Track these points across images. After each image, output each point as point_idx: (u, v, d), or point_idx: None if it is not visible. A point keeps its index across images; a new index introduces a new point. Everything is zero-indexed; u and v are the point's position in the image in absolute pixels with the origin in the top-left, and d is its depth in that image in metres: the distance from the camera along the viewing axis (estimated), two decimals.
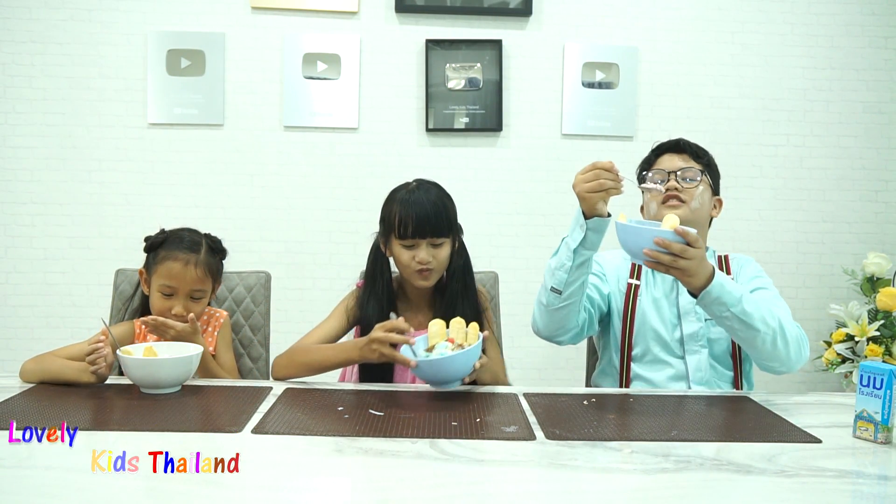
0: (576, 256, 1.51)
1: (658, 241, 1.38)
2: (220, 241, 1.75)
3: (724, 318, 1.46)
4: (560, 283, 1.54)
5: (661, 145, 1.80)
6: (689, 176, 1.71)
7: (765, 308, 1.48)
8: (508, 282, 2.73)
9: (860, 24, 3.10)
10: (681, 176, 1.71)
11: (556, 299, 1.57)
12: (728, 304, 1.43)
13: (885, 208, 3.16)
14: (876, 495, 1.02)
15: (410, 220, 1.58)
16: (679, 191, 1.69)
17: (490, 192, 3.07)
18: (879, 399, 1.20)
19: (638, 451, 1.14)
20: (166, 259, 1.63)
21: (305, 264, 3.05)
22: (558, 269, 1.55)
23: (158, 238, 1.68)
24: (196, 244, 1.67)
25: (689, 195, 1.69)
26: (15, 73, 2.95)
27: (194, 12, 2.98)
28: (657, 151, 1.80)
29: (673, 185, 1.70)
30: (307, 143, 3.03)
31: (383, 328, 1.44)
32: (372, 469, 1.06)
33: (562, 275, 1.54)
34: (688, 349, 1.66)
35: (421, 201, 1.60)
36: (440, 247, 1.62)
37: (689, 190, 1.70)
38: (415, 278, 1.63)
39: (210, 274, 1.67)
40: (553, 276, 1.56)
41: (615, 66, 3.06)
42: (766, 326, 1.46)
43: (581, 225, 1.50)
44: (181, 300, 1.62)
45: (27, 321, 3.00)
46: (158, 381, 1.41)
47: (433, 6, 3.00)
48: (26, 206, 2.99)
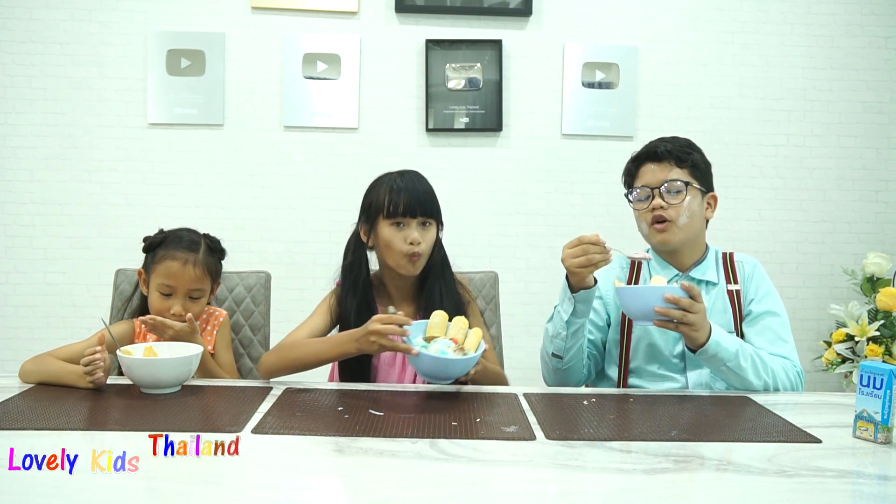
0: (569, 326, 1.56)
1: (668, 298, 1.42)
2: (219, 242, 1.74)
3: (720, 371, 1.53)
4: (559, 349, 1.60)
5: (640, 155, 1.72)
6: (674, 188, 1.64)
7: (760, 362, 1.54)
8: (508, 282, 2.73)
9: (860, 24, 3.10)
10: (665, 190, 1.64)
11: (559, 363, 1.62)
12: (724, 359, 1.50)
13: (885, 208, 3.16)
14: (876, 495, 1.02)
15: (401, 199, 1.59)
16: (664, 209, 1.63)
17: (490, 192, 3.07)
18: (879, 399, 1.20)
19: (638, 451, 1.14)
20: (165, 259, 1.62)
21: (305, 264, 3.05)
22: (555, 337, 1.60)
23: (157, 238, 1.68)
24: (195, 244, 1.67)
25: (675, 211, 1.63)
26: (15, 73, 2.95)
27: (194, 12, 2.98)
28: (636, 162, 1.72)
29: (658, 205, 1.63)
30: (307, 143, 3.03)
31: (381, 321, 1.42)
32: (372, 469, 1.06)
33: (559, 342, 1.59)
34: (689, 364, 1.64)
35: (411, 182, 1.63)
36: (428, 229, 1.62)
37: (675, 206, 1.63)
38: (404, 263, 1.60)
39: (209, 274, 1.67)
40: (552, 343, 1.61)
41: (615, 66, 3.06)
42: (758, 380, 1.54)
43: (569, 298, 1.53)
44: (179, 300, 1.62)
45: (27, 321, 3.00)
46: (158, 381, 1.41)
47: (433, 6, 3.00)
48: (26, 206, 2.99)
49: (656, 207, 1.64)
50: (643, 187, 1.67)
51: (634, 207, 1.70)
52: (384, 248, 1.62)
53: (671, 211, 1.63)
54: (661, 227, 1.64)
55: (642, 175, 1.69)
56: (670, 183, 1.64)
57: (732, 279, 1.68)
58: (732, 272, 1.70)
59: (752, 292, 1.67)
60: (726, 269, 1.70)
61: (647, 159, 1.69)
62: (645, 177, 1.68)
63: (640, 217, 1.69)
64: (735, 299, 1.66)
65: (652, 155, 1.68)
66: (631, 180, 1.74)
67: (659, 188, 1.64)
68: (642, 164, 1.70)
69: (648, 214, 1.66)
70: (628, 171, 1.75)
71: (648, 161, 1.69)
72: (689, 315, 1.42)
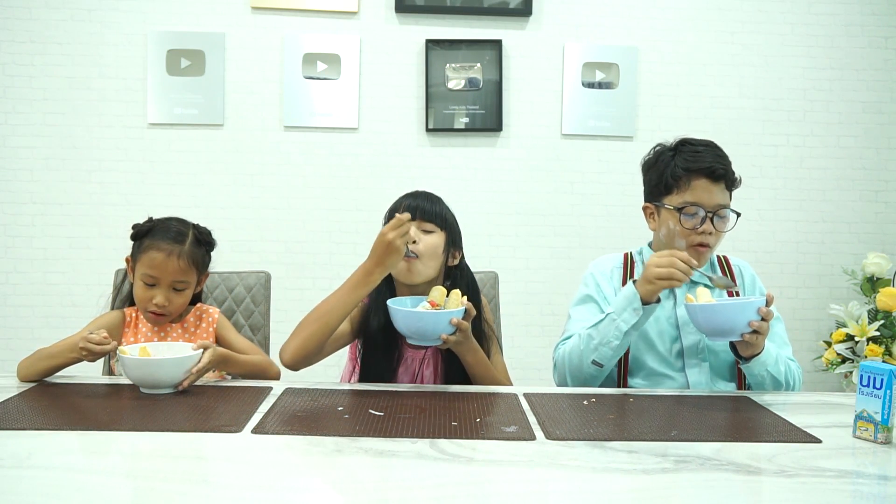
0: (626, 336, 1.53)
1: (763, 312, 1.41)
2: (209, 233, 1.70)
3: (759, 378, 1.54)
4: (604, 358, 1.56)
5: (692, 168, 1.59)
6: (725, 215, 1.60)
7: (783, 366, 1.57)
8: (508, 282, 2.73)
9: (860, 24, 3.10)
10: (718, 217, 1.59)
11: (598, 371, 1.59)
12: (767, 363, 1.51)
13: (885, 208, 3.16)
14: (876, 495, 1.02)
15: (403, 206, 1.62)
16: (711, 234, 1.59)
17: (490, 192, 3.07)
18: (879, 399, 1.20)
19: (638, 451, 1.14)
20: (150, 249, 1.59)
21: (305, 264, 3.05)
22: (604, 346, 1.54)
23: (145, 227, 1.64)
24: (181, 235, 1.63)
25: (717, 238, 1.60)
26: (15, 73, 2.95)
27: (194, 12, 2.98)
28: (688, 170, 1.60)
29: (709, 230, 1.58)
30: (307, 143, 3.03)
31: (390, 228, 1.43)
32: (372, 469, 1.06)
33: (607, 351, 1.55)
34: (688, 362, 1.64)
35: (418, 195, 1.66)
36: (429, 233, 1.61)
37: (719, 234, 1.60)
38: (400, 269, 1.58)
39: (194, 266, 1.63)
40: (596, 351, 1.56)
41: (615, 66, 3.06)
42: (784, 382, 1.57)
43: (636, 308, 1.51)
44: (163, 291, 1.59)
45: (27, 321, 3.00)
46: (158, 381, 1.41)
47: (433, 6, 3.00)
48: (26, 206, 2.99)
49: (706, 232, 1.58)
50: (696, 206, 1.59)
51: (680, 222, 1.60)
52: None
53: (713, 237, 1.61)
54: (704, 250, 1.61)
55: (695, 190, 1.59)
56: (723, 210, 1.61)
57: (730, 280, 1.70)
58: (730, 274, 1.73)
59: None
60: (724, 272, 1.73)
61: (703, 174, 1.60)
62: (699, 194, 1.59)
63: (680, 233, 1.61)
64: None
65: (709, 172, 1.59)
66: (676, 188, 1.61)
67: (714, 213, 1.59)
68: (696, 176, 1.60)
69: (693, 235, 1.59)
70: (675, 176, 1.61)
71: (704, 177, 1.60)
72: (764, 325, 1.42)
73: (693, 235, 1.59)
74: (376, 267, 1.47)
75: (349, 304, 1.50)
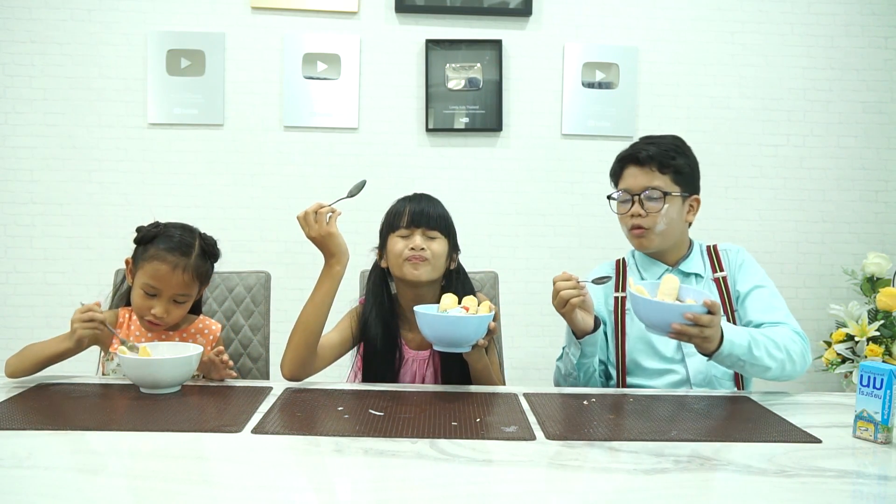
0: (580, 367, 1.60)
1: (689, 317, 1.37)
2: (215, 244, 1.66)
3: (737, 366, 1.50)
4: (578, 382, 1.64)
5: (624, 156, 1.70)
6: (653, 196, 1.64)
7: (770, 342, 1.50)
8: (508, 282, 2.73)
9: (860, 24, 3.10)
10: (645, 197, 1.64)
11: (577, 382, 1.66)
12: (739, 355, 1.46)
13: (885, 208, 3.16)
14: (876, 495, 1.02)
15: (407, 211, 1.63)
16: (642, 216, 1.64)
17: (490, 192, 3.07)
18: (879, 399, 1.20)
19: (638, 451, 1.14)
20: (154, 258, 1.55)
21: (305, 264, 3.05)
22: (568, 376, 1.64)
23: (150, 232, 1.59)
24: (188, 246, 1.58)
25: (651, 220, 1.64)
26: (15, 73, 2.95)
27: (194, 12, 2.98)
28: (621, 162, 1.71)
29: (636, 212, 1.64)
30: (307, 143, 3.03)
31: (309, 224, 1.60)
32: (372, 469, 1.06)
33: (573, 381, 1.64)
34: (687, 353, 1.65)
35: (418, 200, 1.66)
36: (434, 240, 1.62)
37: (652, 215, 1.64)
38: (406, 269, 1.59)
39: (198, 279, 1.60)
40: (565, 380, 1.66)
41: (615, 66, 3.06)
42: (774, 361, 1.50)
43: (575, 343, 1.56)
44: (163, 302, 1.56)
45: (27, 321, 3.00)
46: (158, 381, 1.41)
47: (433, 6, 3.00)
48: (26, 206, 2.99)
49: (634, 214, 1.65)
50: (624, 191, 1.68)
51: (616, 210, 1.71)
52: (391, 260, 1.63)
53: (648, 219, 1.64)
54: (639, 233, 1.66)
55: (625, 178, 1.69)
56: (650, 191, 1.64)
57: (718, 267, 1.71)
58: (717, 261, 1.73)
59: (739, 277, 1.70)
60: (711, 260, 1.73)
61: (631, 162, 1.68)
62: (627, 180, 1.68)
63: (621, 220, 1.71)
64: (722, 286, 1.69)
65: (634, 158, 1.67)
66: (616, 180, 1.73)
67: (639, 195, 1.65)
68: (626, 165, 1.69)
69: (628, 219, 1.68)
70: (614, 171, 1.74)
71: (631, 164, 1.68)
72: (706, 330, 1.39)
73: (627, 218, 1.67)
74: (329, 259, 1.56)
75: (325, 303, 1.57)
